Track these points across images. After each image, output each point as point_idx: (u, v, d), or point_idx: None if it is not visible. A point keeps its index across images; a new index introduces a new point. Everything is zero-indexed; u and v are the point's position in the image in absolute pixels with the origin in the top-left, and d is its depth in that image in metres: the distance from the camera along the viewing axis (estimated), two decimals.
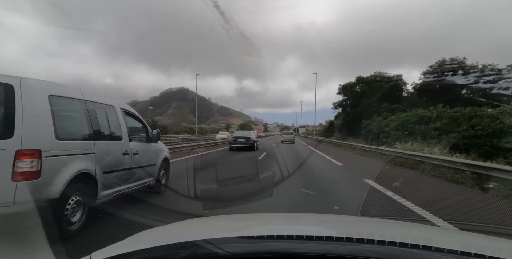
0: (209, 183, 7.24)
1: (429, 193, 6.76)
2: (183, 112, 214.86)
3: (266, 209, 4.90)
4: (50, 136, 3.32)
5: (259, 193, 6.07)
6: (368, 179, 7.77)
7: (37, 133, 3.20)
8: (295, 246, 1.06)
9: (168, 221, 1.78)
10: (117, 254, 1.06)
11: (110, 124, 4.64)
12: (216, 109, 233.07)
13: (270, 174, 8.52)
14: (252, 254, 1.02)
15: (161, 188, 6.05)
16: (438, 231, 2.28)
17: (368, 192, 6.41)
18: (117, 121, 4.84)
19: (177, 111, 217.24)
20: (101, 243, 1.33)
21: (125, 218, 4.04)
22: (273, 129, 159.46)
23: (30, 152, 3.06)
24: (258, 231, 1.36)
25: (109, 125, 4.61)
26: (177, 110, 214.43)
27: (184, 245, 1.07)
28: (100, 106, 4.48)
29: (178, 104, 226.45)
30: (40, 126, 3.27)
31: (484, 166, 7.46)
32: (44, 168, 3.14)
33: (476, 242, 1.34)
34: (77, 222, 3.57)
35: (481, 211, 5.15)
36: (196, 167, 10.23)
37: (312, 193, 6.17)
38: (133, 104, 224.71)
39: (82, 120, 4.07)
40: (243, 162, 12.99)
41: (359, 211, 4.59)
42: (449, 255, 0.98)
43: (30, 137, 3.08)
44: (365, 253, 0.98)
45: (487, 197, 6.21)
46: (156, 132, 6.04)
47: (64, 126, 3.67)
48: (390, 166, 11.21)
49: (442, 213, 4.62)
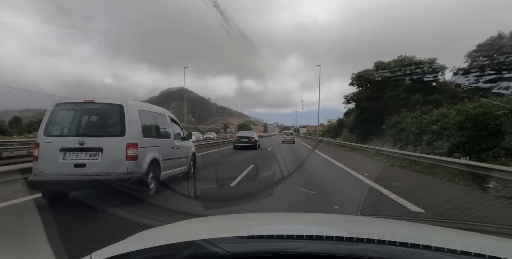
0: (208, 182, 7.25)
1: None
2: (182, 112, 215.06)
3: (266, 208, 4.90)
4: (140, 135, 5.36)
5: (259, 193, 6.08)
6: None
7: (135, 133, 5.24)
8: (295, 246, 1.06)
9: (168, 221, 1.78)
10: (117, 254, 1.06)
11: (164, 127, 6.67)
12: (216, 109, 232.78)
13: (270, 173, 8.53)
14: (252, 254, 1.02)
15: (191, 174, 7.87)
16: (438, 230, 2.28)
17: (368, 192, 6.42)
18: (167, 125, 6.86)
19: (176, 111, 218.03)
20: (101, 243, 1.33)
21: (125, 218, 4.04)
22: (273, 129, 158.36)
23: (133, 144, 5.10)
24: (258, 231, 1.36)
25: (164, 128, 6.64)
26: (176, 110, 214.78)
27: (184, 245, 1.07)
28: (158, 115, 6.57)
29: (177, 104, 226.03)
30: (136, 129, 5.29)
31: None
32: (139, 154, 5.17)
33: (476, 241, 1.34)
34: (152, 188, 5.58)
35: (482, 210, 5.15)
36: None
37: (312, 193, 6.17)
38: None
39: (152, 125, 6.13)
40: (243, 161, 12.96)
41: (359, 210, 4.59)
42: (449, 254, 0.98)
43: (133, 136, 5.15)
44: (365, 252, 0.98)
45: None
46: (188, 132, 8.18)
47: (145, 129, 5.62)
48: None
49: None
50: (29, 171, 5.24)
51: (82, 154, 4.98)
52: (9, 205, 4.89)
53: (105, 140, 5.12)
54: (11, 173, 6.03)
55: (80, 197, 5.51)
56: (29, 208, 4.86)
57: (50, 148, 4.95)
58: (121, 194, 4.84)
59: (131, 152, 5.07)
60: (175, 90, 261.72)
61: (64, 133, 5.31)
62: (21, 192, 5.55)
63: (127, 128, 5.11)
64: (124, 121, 5.13)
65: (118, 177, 4.88)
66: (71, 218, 4.31)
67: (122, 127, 5.13)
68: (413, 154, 11.09)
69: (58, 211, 4.61)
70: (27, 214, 4.52)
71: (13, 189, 5.79)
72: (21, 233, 3.43)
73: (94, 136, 5.16)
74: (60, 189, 5.04)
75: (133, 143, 5.10)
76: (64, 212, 4.62)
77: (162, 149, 6.07)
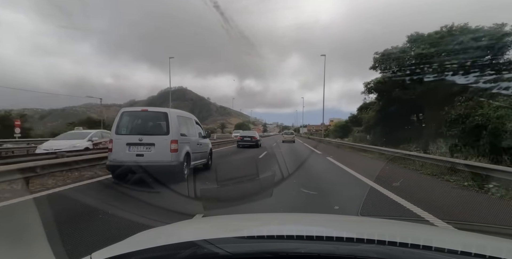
0: (208, 183, 7.25)
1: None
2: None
3: (266, 209, 4.89)
4: (179, 134, 7.21)
5: (259, 193, 6.07)
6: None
7: (176, 133, 7.08)
8: (295, 246, 1.06)
9: (168, 221, 1.78)
10: (117, 254, 1.06)
11: (192, 128, 8.67)
12: (215, 109, 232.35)
13: (270, 174, 8.52)
14: (252, 254, 1.02)
15: (209, 165, 9.78)
16: (438, 231, 2.28)
17: (368, 192, 6.41)
18: (193, 126, 8.83)
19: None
20: (101, 243, 1.33)
21: (125, 218, 4.05)
22: (273, 129, 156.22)
23: (175, 140, 6.94)
24: (258, 231, 1.36)
25: (192, 129, 8.63)
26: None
27: (184, 245, 1.07)
28: (188, 119, 8.64)
29: (176, 104, 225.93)
30: (176, 129, 7.12)
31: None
32: (178, 148, 7.00)
33: (476, 242, 1.34)
34: (186, 174, 7.43)
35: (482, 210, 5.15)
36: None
37: (312, 193, 6.16)
38: (131, 104, 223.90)
39: (184, 126, 7.96)
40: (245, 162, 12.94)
41: (359, 211, 4.59)
42: (449, 255, 0.98)
43: (174, 134, 6.99)
44: (366, 253, 0.98)
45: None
46: (207, 132, 10.43)
47: (182, 129, 7.58)
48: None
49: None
50: (28, 171, 6.22)
51: (141, 147, 6.98)
52: (9, 205, 4.90)
53: (156, 137, 7.06)
54: (11, 173, 6.04)
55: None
56: (29, 208, 4.87)
57: (120, 143, 6.99)
58: (166, 176, 6.64)
59: (173, 146, 6.99)
60: (174, 89, 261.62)
61: (129, 132, 7.28)
62: (22, 192, 5.56)
63: (170, 129, 7.06)
64: (168, 124, 7.09)
65: (165, 164, 6.85)
66: (71, 218, 4.31)
67: (167, 128, 7.09)
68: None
69: (58, 211, 4.61)
70: (27, 214, 4.52)
71: (13, 188, 5.79)
72: (21, 233, 3.43)
73: (148, 134, 7.13)
74: (126, 171, 7.01)
75: (174, 140, 7.05)
76: (64, 212, 4.62)
77: (191, 144, 8.06)
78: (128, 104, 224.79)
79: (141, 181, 7.00)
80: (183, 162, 7.24)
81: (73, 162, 7.81)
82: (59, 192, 6.01)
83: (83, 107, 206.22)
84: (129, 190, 6.49)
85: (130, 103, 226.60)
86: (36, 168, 6.46)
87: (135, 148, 6.95)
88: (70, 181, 7.17)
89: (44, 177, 6.86)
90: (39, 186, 6.41)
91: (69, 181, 7.11)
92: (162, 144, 6.92)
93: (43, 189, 6.14)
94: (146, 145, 6.93)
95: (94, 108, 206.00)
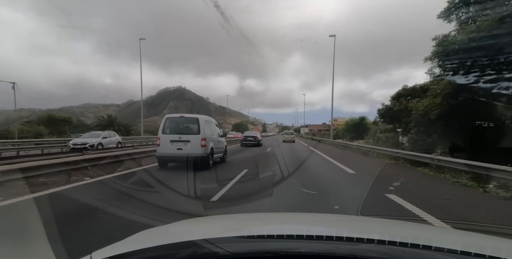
0: (208, 182, 7.25)
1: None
2: (180, 112, 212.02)
3: (266, 208, 4.89)
4: (206, 133, 9.70)
5: (259, 193, 6.07)
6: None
7: (204, 133, 9.62)
8: (296, 246, 1.06)
9: (168, 221, 1.78)
10: (117, 254, 1.06)
11: (214, 129, 11.10)
12: (214, 109, 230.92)
13: (270, 173, 8.51)
14: (253, 254, 1.02)
15: (224, 159, 12.01)
16: (438, 230, 2.28)
17: (367, 192, 6.40)
18: (214, 128, 11.24)
19: (174, 111, 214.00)
20: (101, 243, 1.33)
21: (125, 218, 4.05)
22: (272, 129, 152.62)
23: (204, 138, 9.48)
24: (258, 231, 1.36)
25: (214, 129, 11.03)
26: (173, 110, 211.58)
27: (184, 245, 1.07)
28: (211, 122, 11.20)
29: (175, 104, 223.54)
30: (204, 130, 9.65)
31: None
32: (206, 144, 9.55)
33: (476, 241, 1.34)
34: (211, 163, 9.91)
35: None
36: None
37: (312, 193, 6.16)
38: (129, 104, 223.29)
39: (209, 128, 10.26)
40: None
41: (359, 210, 4.58)
42: (449, 254, 0.97)
43: (203, 134, 9.56)
44: (366, 252, 0.98)
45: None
46: (224, 132, 12.79)
47: (207, 130, 9.95)
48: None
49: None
50: (28, 170, 6.53)
51: (180, 143, 9.51)
52: (9, 204, 4.90)
53: (191, 136, 9.58)
54: (11, 172, 6.04)
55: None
56: (29, 207, 4.87)
57: (165, 140, 9.55)
58: (197, 165, 9.04)
59: (203, 142, 9.50)
60: (173, 89, 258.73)
61: (171, 132, 9.76)
62: (22, 191, 5.56)
63: (201, 130, 9.63)
64: (199, 126, 9.66)
65: (197, 155, 9.27)
66: (71, 217, 4.31)
67: (198, 129, 9.65)
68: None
69: (58, 211, 4.61)
70: (27, 214, 4.52)
71: (13, 188, 5.79)
72: (21, 232, 3.43)
73: (185, 134, 9.66)
74: (169, 161, 9.85)
75: (203, 138, 9.55)
76: (64, 212, 4.62)
77: (214, 142, 10.49)
78: (127, 104, 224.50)
79: (178, 167, 9.81)
80: (209, 154, 9.78)
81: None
82: (58, 191, 6.01)
83: (80, 108, 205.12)
84: (129, 189, 6.51)
85: (128, 103, 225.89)
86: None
87: (176, 143, 9.53)
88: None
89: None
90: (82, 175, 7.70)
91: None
92: (195, 141, 9.49)
93: (48, 187, 6.16)
94: (183, 142, 9.51)
95: (92, 108, 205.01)
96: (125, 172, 8.85)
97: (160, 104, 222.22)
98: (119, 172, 8.72)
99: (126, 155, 10.64)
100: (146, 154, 11.44)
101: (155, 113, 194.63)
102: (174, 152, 9.36)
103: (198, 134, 9.49)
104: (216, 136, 11.05)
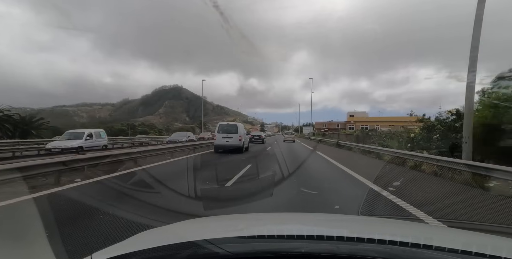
0: (209, 182, 7.26)
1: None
2: (176, 111, 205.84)
3: (266, 208, 4.89)
4: (241, 133, 18.77)
5: (259, 193, 6.07)
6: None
7: (240, 132, 18.47)
8: (296, 246, 1.06)
9: (168, 221, 1.78)
10: (118, 255, 1.05)
11: (243, 130, 20.05)
12: (211, 108, 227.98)
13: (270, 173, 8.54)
14: (253, 254, 1.02)
15: (248, 149, 19.76)
16: (438, 230, 2.28)
17: (368, 191, 6.41)
18: (242, 129, 19.58)
19: (169, 110, 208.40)
20: (102, 244, 1.33)
21: (126, 218, 4.05)
22: (271, 129, 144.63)
23: (240, 136, 18.12)
24: (258, 231, 1.36)
25: (243, 130, 19.96)
26: (169, 109, 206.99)
27: (185, 245, 1.07)
28: (242, 126, 21.07)
29: (171, 103, 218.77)
30: (239, 131, 18.42)
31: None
32: (242, 139, 18.40)
33: (476, 241, 1.34)
34: (245, 148, 19.34)
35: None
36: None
37: (312, 192, 6.16)
38: (124, 103, 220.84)
39: (241, 130, 19.32)
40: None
41: (360, 210, 4.58)
42: (450, 254, 0.97)
43: (240, 133, 18.29)
44: (366, 252, 0.98)
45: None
46: (248, 132, 25.65)
47: (242, 131, 19.02)
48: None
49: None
50: (27, 170, 6.60)
51: (227, 138, 17.31)
52: (9, 204, 4.90)
53: (232, 135, 17.37)
54: (11, 172, 6.04)
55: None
56: (29, 208, 4.87)
57: (219, 136, 17.52)
58: (236, 151, 16.98)
59: (240, 138, 17.57)
60: (169, 88, 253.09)
61: (222, 132, 17.54)
62: (22, 191, 5.56)
63: (238, 131, 17.79)
64: (237, 129, 17.94)
65: (237, 146, 17.37)
66: (71, 218, 4.30)
67: (237, 130, 17.76)
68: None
69: (58, 211, 4.61)
70: (27, 214, 4.52)
71: (13, 188, 5.79)
72: (22, 233, 3.43)
73: (230, 132, 17.44)
74: (221, 148, 17.36)
75: (240, 135, 17.64)
76: (64, 212, 4.62)
77: (244, 138, 18.62)
78: (122, 103, 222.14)
79: (225, 152, 16.63)
80: (243, 145, 17.89)
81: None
82: (58, 192, 6.01)
83: (73, 107, 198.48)
84: (129, 190, 6.51)
85: (123, 102, 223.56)
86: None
87: (225, 138, 17.23)
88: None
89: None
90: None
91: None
92: (235, 137, 17.29)
93: (47, 188, 6.17)
94: (228, 138, 17.20)
95: (86, 108, 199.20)
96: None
97: (155, 103, 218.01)
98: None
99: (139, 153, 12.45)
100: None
101: (151, 112, 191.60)
102: (224, 143, 17.21)
103: (237, 133, 17.49)
104: (244, 134, 19.01)
